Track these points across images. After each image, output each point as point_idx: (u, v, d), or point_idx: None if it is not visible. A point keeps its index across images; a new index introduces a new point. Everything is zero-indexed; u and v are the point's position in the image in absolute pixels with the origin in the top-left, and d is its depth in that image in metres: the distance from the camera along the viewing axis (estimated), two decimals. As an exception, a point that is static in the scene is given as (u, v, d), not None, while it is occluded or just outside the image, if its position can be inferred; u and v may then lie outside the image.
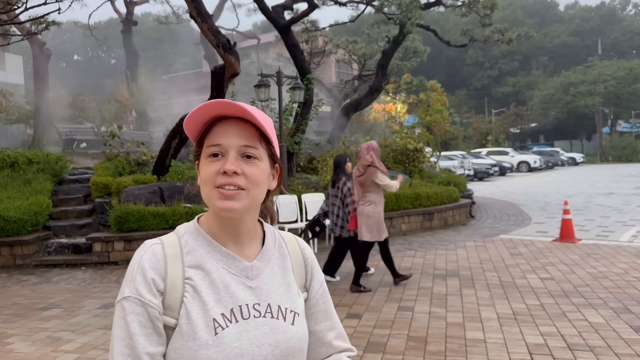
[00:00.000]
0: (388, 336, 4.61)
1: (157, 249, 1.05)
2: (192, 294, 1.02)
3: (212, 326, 1.00)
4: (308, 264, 1.20)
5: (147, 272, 1.02)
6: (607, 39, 64.88)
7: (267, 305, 1.07)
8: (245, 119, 1.05)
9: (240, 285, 1.06)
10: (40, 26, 10.62)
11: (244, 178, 1.04)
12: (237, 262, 1.08)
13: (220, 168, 1.03)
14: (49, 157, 10.89)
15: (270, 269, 1.12)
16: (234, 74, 8.68)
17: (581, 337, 4.45)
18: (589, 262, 7.39)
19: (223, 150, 1.04)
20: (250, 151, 1.05)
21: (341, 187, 6.49)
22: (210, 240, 1.08)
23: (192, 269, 1.05)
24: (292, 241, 1.21)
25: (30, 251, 8.33)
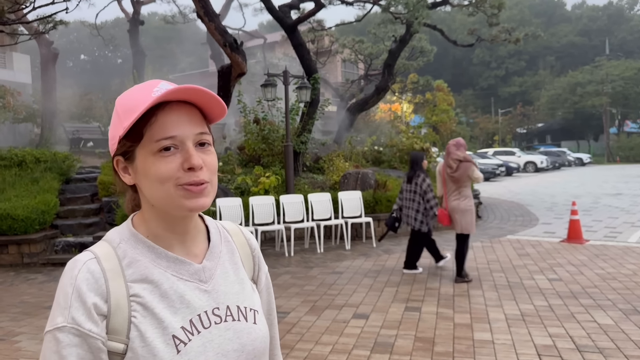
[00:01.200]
0: (395, 337, 4.59)
1: (93, 266, 0.90)
2: (143, 313, 0.90)
3: (172, 344, 0.89)
4: (255, 255, 1.11)
5: (85, 297, 0.87)
6: (614, 39, 64.49)
7: (226, 307, 0.98)
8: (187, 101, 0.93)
9: (195, 291, 0.95)
10: (47, 25, 10.66)
11: (206, 169, 0.93)
12: (187, 265, 0.96)
13: (181, 164, 0.90)
14: (57, 156, 10.94)
15: (221, 267, 1.02)
16: (241, 74, 8.68)
17: (590, 338, 4.42)
18: (597, 263, 7.34)
19: (178, 143, 0.91)
20: (205, 138, 0.94)
21: (420, 183, 6.82)
22: (152, 246, 0.95)
23: (137, 283, 0.92)
24: (237, 232, 1.11)
25: (38, 250, 8.36)
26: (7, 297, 6.40)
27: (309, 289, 6.34)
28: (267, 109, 11.73)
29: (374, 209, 9.87)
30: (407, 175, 7.09)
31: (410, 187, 6.94)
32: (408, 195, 6.96)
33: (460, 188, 6.44)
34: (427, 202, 6.80)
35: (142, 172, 0.93)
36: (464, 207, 6.39)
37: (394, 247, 8.94)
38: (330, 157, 12.27)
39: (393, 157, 14.12)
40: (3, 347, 4.60)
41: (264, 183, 9.72)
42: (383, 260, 7.91)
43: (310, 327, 4.90)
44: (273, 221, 8.66)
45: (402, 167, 13.67)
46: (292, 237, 8.55)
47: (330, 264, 7.78)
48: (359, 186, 10.29)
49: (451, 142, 6.56)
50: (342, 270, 7.30)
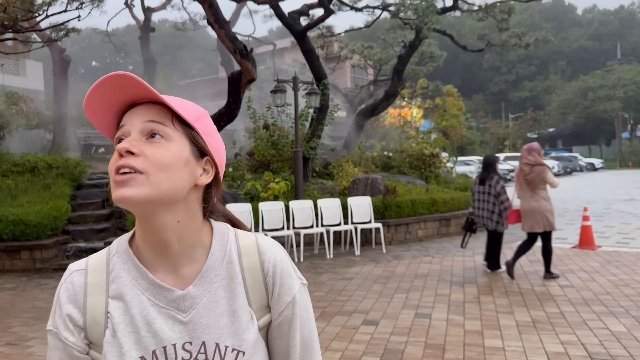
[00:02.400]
0: (405, 343, 4.56)
1: (77, 279, 0.91)
2: (111, 333, 0.87)
3: None
4: (269, 280, 0.94)
5: (63, 307, 0.89)
6: (626, 43, 64.01)
7: (201, 343, 0.88)
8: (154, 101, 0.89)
9: (169, 321, 0.88)
10: (60, 33, 10.78)
11: (143, 159, 0.84)
12: (166, 291, 0.89)
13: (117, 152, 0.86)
14: (68, 162, 11.04)
15: (211, 295, 0.90)
16: (251, 80, 8.73)
17: (602, 346, 4.37)
18: (609, 269, 7.27)
19: (126, 132, 0.87)
20: (155, 127, 0.86)
21: (494, 184, 7.10)
22: (137, 264, 0.90)
23: (114, 300, 0.89)
24: (251, 251, 0.96)
25: (50, 255, 8.43)
26: (20, 302, 6.46)
27: (319, 294, 6.34)
28: (276, 114, 11.77)
29: (384, 215, 9.85)
30: (479, 178, 7.34)
31: (483, 188, 7.21)
32: (481, 197, 7.24)
33: (535, 190, 6.72)
34: (501, 204, 7.07)
35: None
36: (546, 208, 6.66)
37: (403, 253, 8.91)
38: (340, 163, 12.28)
39: (402, 163, 14.09)
40: (15, 351, 4.63)
41: (274, 189, 9.74)
42: (393, 266, 7.88)
43: (320, 333, 4.90)
44: (282, 227, 8.68)
45: (411, 172, 13.64)
46: (301, 242, 8.56)
47: (340, 269, 7.77)
48: (369, 192, 10.28)
49: (525, 147, 6.90)
50: (352, 276, 7.29)
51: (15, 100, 15.98)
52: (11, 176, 10.27)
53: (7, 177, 10.20)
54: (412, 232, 10.16)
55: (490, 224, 7.17)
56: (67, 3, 9.93)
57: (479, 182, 7.31)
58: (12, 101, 14.91)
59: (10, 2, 8.53)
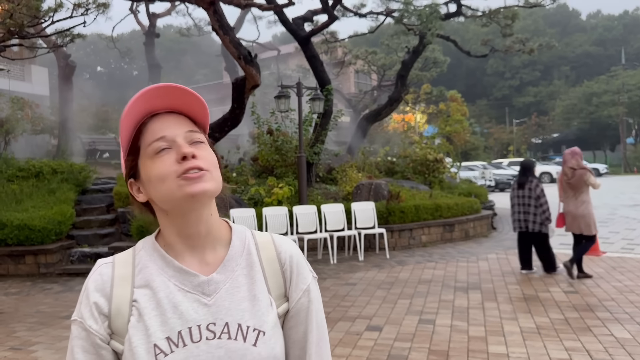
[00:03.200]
0: (409, 349, 4.56)
1: (105, 270, 0.98)
2: (137, 318, 0.94)
3: (152, 353, 0.90)
4: (286, 269, 1.03)
5: (90, 295, 0.96)
6: (630, 48, 63.89)
7: (224, 324, 0.95)
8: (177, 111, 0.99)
9: (194, 304, 0.95)
10: (65, 39, 10.84)
11: (203, 160, 0.96)
12: (192, 277, 0.97)
13: (176, 158, 0.95)
14: (73, 167, 11.09)
15: (232, 281, 0.99)
16: (255, 86, 8.76)
17: (607, 352, 4.35)
18: (614, 275, 7.24)
19: (169, 142, 0.96)
20: (196, 136, 0.98)
21: (533, 188, 7.31)
22: (163, 255, 0.98)
23: (140, 289, 0.96)
24: (267, 245, 1.05)
25: (54, 260, 8.46)
26: (24, 307, 6.47)
27: (322, 300, 6.31)
28: (280, 120, 11.80)
29: (387, 220, 9.84)
30: (517, 182, 7.54)
31: (523, 192, 7.40)
32: (521, 201, 7.42)
33: (578, 194, 6.98)
34: (540, 207, 7.25)
35: (147, 179, 0.98)
36: (582, 212, 6.93)
37: (407, 259, 8.90)
38: (343, 168, 12.28)
39: (406, 168, 14.08)
40: (20, 356, 4.65)
41: (277, 194, 9.75)
42: (396, 272, 7.87)
43: (324, 339, 4.88)
44: (286, 232, 8.68)
45: (415, 177, 13.63)
46: (305, 247, 8.56)
47: (344, 275, 7.77)
48: (372, 197, 10.27)
49: (567, 152, 7.18)
50: (355, 282, 7.28)
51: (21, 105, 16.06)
52: (16, 181, 10.32)
53: (12, 182, 10.25)
54: (415, 237, 10.14)
55: (534, 227, 7.34)
56: (73, 9, 10.00)
57: (517, 187, 7.49)
58: (17, 106, 14.97)
59: (16, 8, 8.60)
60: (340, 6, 13.74)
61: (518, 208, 7.46)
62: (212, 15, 8.16)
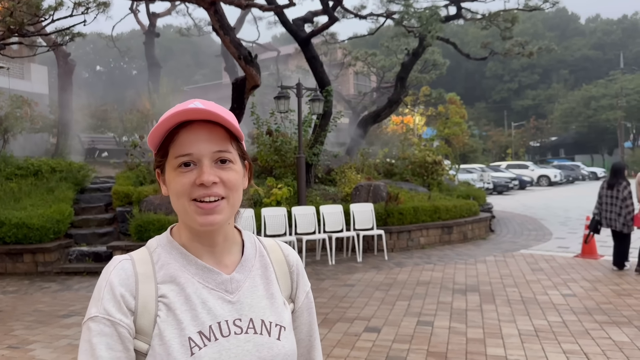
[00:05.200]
0: (407, 351, 4.56)
1: (127, 265, 0.97)
2: (166, 313, 0.94)
3: (187, 346, 0.91)
4: (293, 271, 1.10)
5: (115, 289, 0.93)
6: (629, 53, 64.06)
7: (249, 320, 0.98)
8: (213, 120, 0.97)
9: (218, 301, 0.97)
10: (65, 38, 10.84)
11: (222, 186, 0.96)
12: (215, 275, 0.99)
13: (195, 179, 0.95)
14: (72, 166, 11.08)
15: (251, 280, 1.03)
16: (255, 86, 8.77)
17: (605, 355, 4.36)
18: (612, 279, 7.26)
19: (195, 160, 0.96)
20: (224, 155, 0.97)
21: (622, 190, 7.76)
22: (184, 252, 0.99)
23: (165, 284, 0.96)
24: (275, 249, 1.11)
25: (52, 259, 8.44)
26: (22, 306, 6.46)
27: (321, 301, 6.33)
28: (280, 120, 11.80)
29: (386, 222, 9.85)
30: (607, 183, 8.01)
31: (612, 192, 7.87)
32: (609, 201, 7.90)
33: None
34: (626, 208, 7.70)
35: (168, 185, 1.00)
36: None
37: (405, 261, 8.90)
38: (342, 169, 12.29)
39: (405, 170, 14.09)
40: (17, 355, 4.64)
41: (276, 194, 9.75)
42: (395, 274, 7.88)
43: (322, 340, 4.89)
44: (285, 233, 8.68)
45: (414, 179, 13.64)
46: (303, 248, 8.56)
47: (342, 276, 7.77)
48: (371, 198, 10.28)
49: None
50: (354, 283, 7.28)
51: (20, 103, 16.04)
52: (15, 179, 10.30)
53: (10, 180, 10.23)
54: (414, 239, 10.15)
55: (617, 225, 7.76)
56: (73, 8, 9.99)
57: (607, 187, 7.97)
58: (16, 105, 14.95)
59: (16, 6, 8.59)
60: (340, 7, 13.77)
61: (606, 207, 7.95)
62: (212, 15, 8.17)
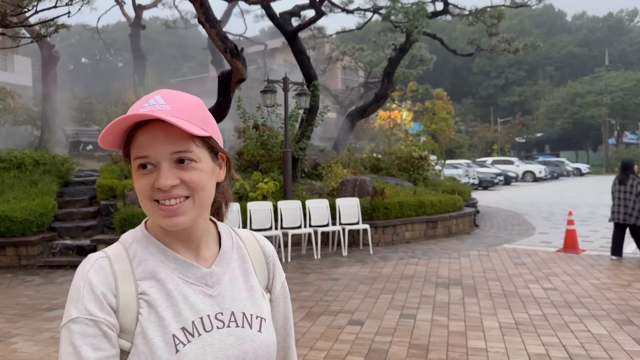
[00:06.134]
0: (390, 343, 4.61)
1: (104, 263, 0.94)
2: (148, 310, 0.92)
3: (172, 343, 0.90)
4: (270, 262, 1.10)
5: (96, 288, 0.90)
6: (614, 50, 64.81)
7: (230, 313, 0.98)
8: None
9: (199, 295, 0.96)
10: (49, 29, 10.72)
11: (184, 186, 0.92)
12: (194, 269, 0.98)
13: (154, 182, 0.91)
14: (56, 159, 10.97)
15: (230, 273, 1.02)
16: (241, 80, 8.74)
17: (583, 348, 4.44)
18: (592, 273, 7.38)
19: (153, 162, 0.92)
20: (184, 155, 0.92)
21: (635, 185, 8.08)
22: (162, 247, 0.97)
23: (145, 281, 0.94)
24: (251, 240, 1.11)
25: (35, 252, 8.38)
26: (4, 299, 6.41)
27: (305, 294, 6.36)
28: (266, 115, 11.78)
29: (371, 216, 9.90)
30: (618, 178, 8.34)
31: (624, 188, 8.17)
32: (622, 195, 8.21)
33: None
34: (638, 202, 8.01)
35: (134, 184, 0.96)
36: None
37: (390, 255, 8.97)
38: (329, 164, 12.31)
39: (391, 165, 14.15)
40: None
41: (262, 189, 9.75)
42: (380, 267, 7.93)
43: (306, 332, 4.92)
44: (271, 227, 8.69)
45: (400, 174, 13.70)
46: (289, 242, 8.58)
47: (327, 270, 7.80)
48: (357, 193, 10.32)
49: None
50: (339, 277, 7.32)
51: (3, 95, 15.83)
52: (-3, 172, 10.18)
53: (-7, 173, 10.11)
54: (399, 233, 10.22)
55: (630, 219, 8.08)
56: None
57: (618, 183, 8.29)
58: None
59: (-1, -4, 8.47)
60: (327, 2, 13.75)
61: (618, 202, 8.24)
62: (198, 7, 8.13)
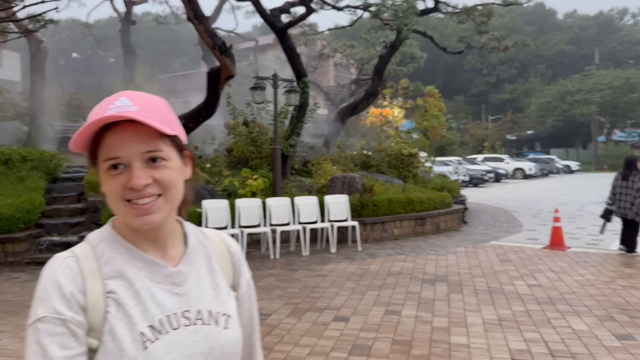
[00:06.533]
0: (374, 339, 4.65)
1: (72, 263, 0.95)
2: (116, 308, 0.93)
3: (139, 340, 0.92)
4: (235, 261, 1.13)
5: (64, 287, 0.91)
6: (604, 48, 65.19)
7: (196, 311, 1.00)
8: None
9: (166, 294, 0.98)
10: (37, 24, 10.66)
11: (156, 185, 0.95)
12: (162, 268, 1.00)
13: (126, 182, 0.93)
14: (44, 155, 10.91)
15: (197, 272, 1.04)
16: (230, 76, 8.74)
17: (564, 343, 4.51)
18: (577, 269, 7.46)
19: (124, 162, 0.93)
20: (155, 154, 0.95)
21: (637, 181, 8.30)
22: (129, 247, 0.99)
23: (112, 280, 0.95)
24: (217, 239, 1.13)
25: (22, 249, 8.34)
26: (-10, 296, 6.39)
27: (292, 291, 6.39)
28: (256, 111, 11.78)
29: (360, 213, 9.94)
30: (621, 174, 8.54)
31: (626, 184, 8.40)
32: (623, 191, 8.42)
33: None
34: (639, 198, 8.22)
35: (102, 186, 0.98)
36: None
37: (378, 252, 9.01)
38: (319, 161, 12.33)
39: (381, 162, 14.20)
40: (-17, 345, 4.60)
41: (251, 185, 9.76)
42: (367, 264, 7.97)
43: (291, 329, 4.95)
44: (259, 224, 8.71)
45: (390, 171, 13.75)
46: (277, 239, 8.60)
47: (315, 267, 7.84)
48: (346, 190, 10.36)
49: None
50: (326, 273, 7.36)
51: (-9, 90, 15.71)
52: (-16, 168, 10.12)
53: (-20, 169, 10.04)
54: (387, 230, 10.26)
55: (630, 214, 8.31)
56: (45, -6, 9.81)
57: (621, 178, 8.49)
58: (-13, 92, 14.68)
59: (-15, -9, 8.41)
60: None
61: (620, 197, 8.45)
62: (187, 4, 8.11)
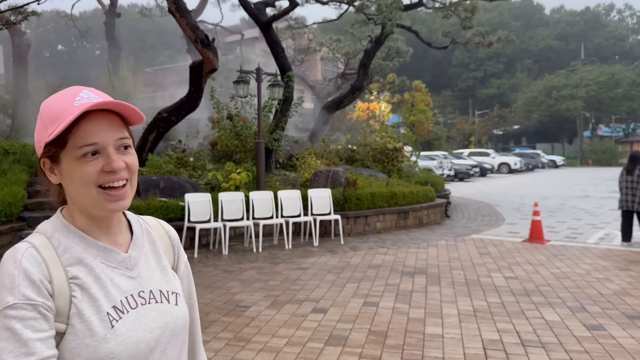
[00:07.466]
0: (350, 330, 4.73)
1: (34, 252, 0.99)
2: (81, 293, 1.00)
3: (107, 320, 1.00)
4: (174, 245, 1.22)
5: (32, 275, 0.96)
6: (590, 44, 65.78)
7: (149, 291, 1.09)
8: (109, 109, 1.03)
9: (122, 277, 1.06)
10: (19, 16, 10.56)
11: (127, 170, 1.04)
12: (115, 254, 1.07)
13: (102, 166, 1.01)
14: (26, 148, 10.84)
15: (145, 256, 1.13)
16: (212, 70, 8.75)
17: (535, 334, 4.62)
18: (554, 262, 7.60)
19: (99, 149, 1.01)
20: (126, 142, 1.05)
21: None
22: (83, 236, 1.06)
23: (73, 267, 1.02)
24: (156, 225, 1.23)
25: (4, 242, 8.29)
26: (-31, 289, 6.37)
27: (273, 284, 6.45)
28: (240, 105, 11.78)
29: (343, 207, 10.01)
30: (626, 169, 8.87)
31: (631, 178, 8.73)
32: (629, 185, 8.75)
33: None
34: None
35: (67, 175, 1.02)
36: None
37: (360, 245, 9.10)
38: (303, 155, 12.38)
39: (366, 156, 14.29)
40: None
41: (235, 179, 9.79)
42: (349, 257, 8.05)
43: (269, 320, 5.02)
44: (242, 217, 8.74)
45: (374, 166, 13.84)
46: (260, 233, 8.65)
47: (297, 260, 7.90)
48: (330, 184, 10.43)
49: None
50: (308, 266, 7.42)
51: (-27, 83, 15.53)
52: (-35, 161, 10.03)
53: (-40, 162, 9.96)
54: (370, 224, 10.35)
55: (635, 207, 8.66)
56: (26, -15, 9.73)
57: (626, 173, 8.84)
58: (-31, 84, 14.52)
59: (-35, -18, 8.32)
60: (303, -8, 13.75)
61: (625, 191, 8.78)
62: (169, -3, 8.10)
